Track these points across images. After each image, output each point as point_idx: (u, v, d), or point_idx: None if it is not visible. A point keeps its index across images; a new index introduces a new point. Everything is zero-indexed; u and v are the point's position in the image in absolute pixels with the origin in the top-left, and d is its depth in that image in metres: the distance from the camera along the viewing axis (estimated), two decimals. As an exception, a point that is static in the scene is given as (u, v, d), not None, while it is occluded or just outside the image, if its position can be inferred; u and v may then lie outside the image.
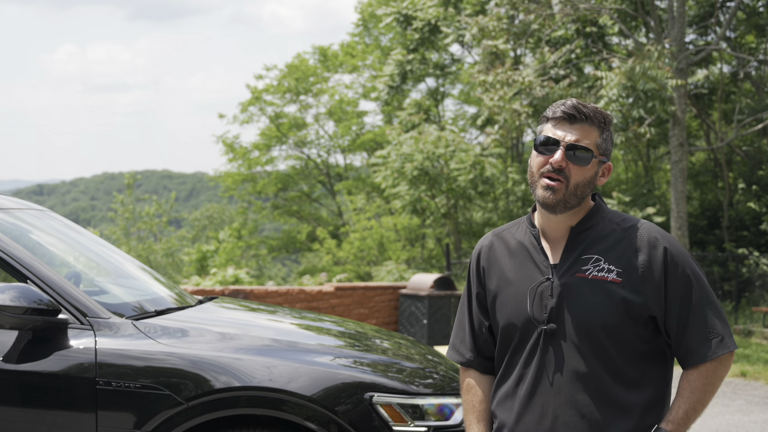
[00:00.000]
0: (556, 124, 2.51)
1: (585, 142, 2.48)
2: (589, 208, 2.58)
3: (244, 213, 37.81)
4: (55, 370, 3.65)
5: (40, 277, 3.78)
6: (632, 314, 2.44)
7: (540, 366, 2.49)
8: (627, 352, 2.46)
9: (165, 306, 4.27)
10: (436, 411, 3.85)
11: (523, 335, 2.53)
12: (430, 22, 24.25)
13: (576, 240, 2.54)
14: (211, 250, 28.41)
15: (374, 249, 27.69)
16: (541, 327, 2.49)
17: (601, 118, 2.51)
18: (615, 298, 2.44)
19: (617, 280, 2.45)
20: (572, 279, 2.48)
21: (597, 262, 2.49)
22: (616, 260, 2.47)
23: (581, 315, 2.45)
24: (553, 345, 2.48)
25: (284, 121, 34.97)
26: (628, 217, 2.58)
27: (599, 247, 2.51)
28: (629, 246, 2.49)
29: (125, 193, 34.58)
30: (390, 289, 13.56)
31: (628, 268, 2.46)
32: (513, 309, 2.55)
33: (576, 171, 2.47)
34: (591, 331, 2.45)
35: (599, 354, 2.44)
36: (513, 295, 2.56)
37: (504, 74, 16.96)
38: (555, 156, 2.46)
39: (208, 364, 3.67)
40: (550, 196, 2.46)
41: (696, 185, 22.60)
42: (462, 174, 20.97)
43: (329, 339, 4.37)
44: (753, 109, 20.24)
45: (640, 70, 14.73)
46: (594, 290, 2.46)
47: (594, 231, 2.54)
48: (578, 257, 2.51)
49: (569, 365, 2.45)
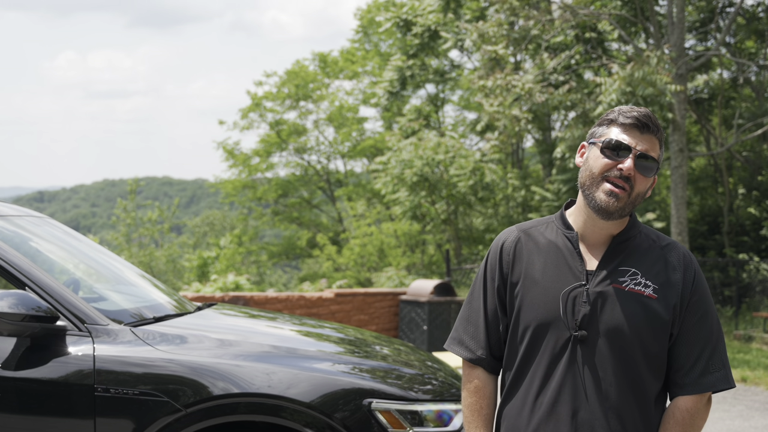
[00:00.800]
0: (626, 130, 2.45)
1: (653, 153, 2.45)
2: (627, 219, 2.55)
3: (244, 219, 37.82)
4: (53, 377, 3.64)
5: (38, 284, 3.78)
6: (662, 331, 2.43)
7: (566, 374, 2.43)
8: (653, 369, 2.45)
9: (164, 313, 4.26)
10: (435, 417, 3.85)
11: (549, 338, 2.46)
12: (429, 28, 24.29)
13: (616, 250, 2.50)
14: (212, 256, 28.41)
15: (374, 255, 27.69)
16: (572, 333, 2.43)
17: (663, 134, 2.50)
18: (649, 313, 2.42)
19: (653, 295, 2.44)
20: (608, 288, 2.44)
21: (634, 275, 2.46)
22: (653, 276, 2.46)
23: (615, 325, 2.42)
24: (582, 353, 2.43)
25: (284, 128, 35.00)
26: (661, 234, 2.58)
27: (637, 260, 2.49)
28: (667, 264, 2.48)
29: (128, 198, 34.60)
30: (390, 295, 13.55)
31: (664, 286, 2.45)
32: (541, 311, 2.48)
33: (641, 181, 2.43)
34: (622, 343, 2.42)
35: (628, 367, 2.42)
36: (541, 296, 2.49)
37: (503, 80, 16.98)
38: (626, 163, 2.41)
39: (207, 370, 3.67)
40: (614, 203, 2.41)
41: (696, 190, 22.60)
42: (462, 180, 20.98)
43: (328, 345, 4.37)
44: (753, 114, 20.26)
45: (639, 76, 14.74)
46: (630, 302, 2.43)
47: (632, 243, 2.52)
48: (616, 268, 2.47)
49: (597, 375, 2.41)
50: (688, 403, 2.45)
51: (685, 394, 2.45)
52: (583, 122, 17.06)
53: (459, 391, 4.07)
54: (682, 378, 2.45)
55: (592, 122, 17.15)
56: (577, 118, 17.40)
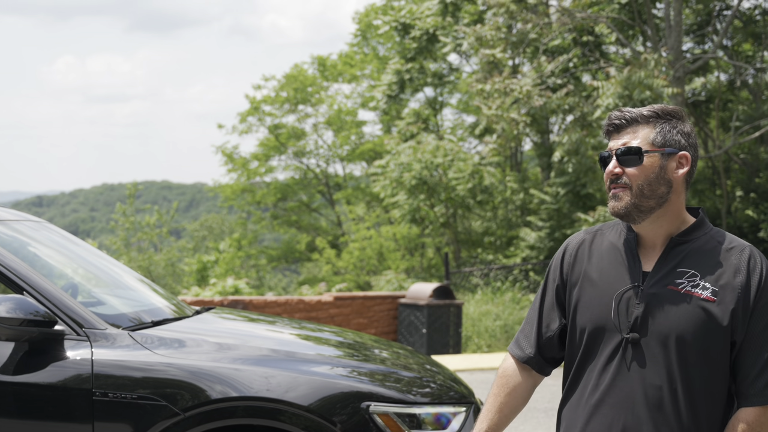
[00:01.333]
0: (610, 138, 2.50)
1: (633, 142, 2.44)
2: (689, 221, 2.50)
3: (243, 224, 37.83)
4: (51, 382, 3.65)
5: (36, 288, 3.79)
6: (721, 337, 2.35)
7: (616, 376, 2.40)
8: (707, 376, 2.37)
9: (162, 317, 4.27)
10: (433, 420, 3.85)
11: (603, 341, 2.45)
12: (428, 32, 24.32)
13: (673, 251, 2.45)
14: (211, 260, 28.44)
15: (374, 258, 27.70)
16: (623, 335, 2.40)
17: (649, 113, 2.46)
18: (706, 317, 2.35)
19: (711, 298, 2.36)
20: (663, 290, 2.40)
21: (693, 277, 2.40)
22: (712, 279, 2.38)
23: (668, 328, 2.37)
24: (634, 356, 2.39)
25: (283, 131, 35.02)
26: (733, 237, 2.49)
27: (697, 262, 2.42)
28: (728, 266, 2.40)
29: (127, 202, 34.61)
30: (389, 298, 13.56)
31: (724, 289, 2.36)
32: (595, 312, 2.47)
33: (632, 173, 2.41)
34: (676, 348, 2.36)
35: (680, 372, 2.36)
36: (597, 297, 2.48)
37: (501, 83, 17.01)
38: (608, 166, 2.45)
39: (205, 374, 3.67)
40: (616, 204, 2.42)
41: (694, 193, 22.61)
42: (461, 183, 21.00)
43: (327, 349, 4.37)
44: (750, 116, 20.29)
45: (636, 79, 14.78)
46: (685, 305, 2.37)
47: (694, 245, 2.45)
48: (673, 269, 2.42)
49: (647, 379, 2.37)
50: (750, 415, 2.35)
51: (749, 405, 2.36)
52: (581, 126, 17.09)
53: (457, 394, 4.08)
54: (746, 388, 2.36)
55: (590, 126, 17.18)
56: (574, 122, 17.43)
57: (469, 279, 19.02)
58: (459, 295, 16.64)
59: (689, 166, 2.45)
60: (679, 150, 2.45)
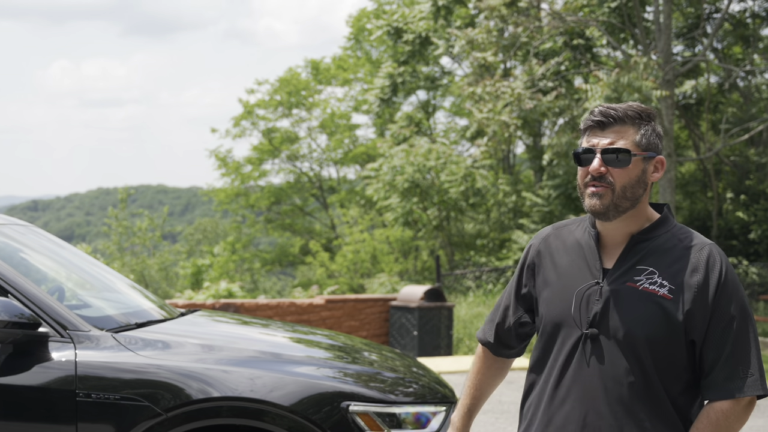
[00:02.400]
0: (590, 134, 2.49)
1: (620, 143, 2.43)
2: (653, 218, 2.52)
3: (237, 227, 37.83)
4: (35, 383, 3.70)
5: (21, 291, 3.84)
6: (676, 333, 2.39)
7: (576, 370, 2.45)
8: (664, 372, 2.41)
9: (147, 318, 4.32)
10: (413, 420, 3.91)
11: (564, 336, 2.49)
12: (420, 35, 24.37)
13: (634, 248, 2.48)
14: (205, 264, 28.43)
15: (367, 261, 27.73)
16: (583, 331, 2.45)
17: (634, 114, 2.46)
18: (662, 314, 2.39)
19: (668, 296, 2.39)
20: (622, 287, 2.43)
21: (651, 274, 2.43)
22: (670, 276, 2.41)
23: (625, 324, 2.40)
24: (593, 351, 2.43)
25: (276, 135, 35.02)
26: (696, 235, 2.51)
27: (656, 260, 2.44)
28: (687, 264, 2.42)
29: (119, 207, 34.57)
30: (380, 301, 13.60)
31: (681, 286, 2.40)
32: (557, 308, 2.52)
33: (618, 174, 2.42)
34: (633, 343, 2.40)
35: (637, 367, 2.40)
36: (559, 293, 2.53)
37: (492, 86, 17.07)
38: (593, 164, 2.43)
39: (188, 375, 3.72)
40: (597, 203, 2.42)
41: (685, 195, 22.70)
42: (453, 186, 21.05)
43: (315, 351, 4.42)
44: (740, 119, 20.37)
45: (624, 82, 14.84)
46: (642, 302, 2.41)
47: (654, 243, 2.47)
48: (633, 266, 2.45)
49: (607, 373, 2.41)
50: (724, 405, 2.38)
51: (714, 399, 2.40)
52: (571, 128, 17.16)
53: (440, 395, 4.15)
54: (710, 382, 2.40)
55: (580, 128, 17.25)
56: (565, 125, 17.50)
57: (461, 281, 19.07)
58: (451, 297, 16.69)
59: (663, 170, 2.50)
60: (657, 154, 2.48)
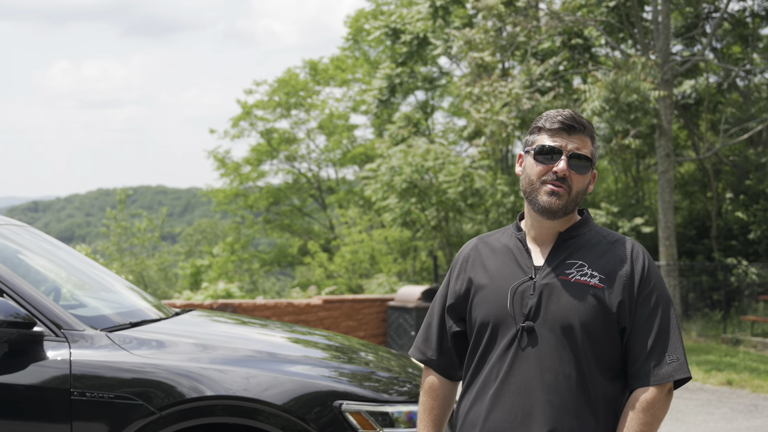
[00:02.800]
0: (554, 134, 2.56)
1: (584, 151, 2.56)
2: (577, 218, 2.66)
3: (236, 228, 37.84)
4: (30, 382, 3.71)
5: (16, 291, 3.86)
6: (609, 321, 2.49)
7: (513, 363, 2.51)
8: (600, 361, 2.50)
9: (141, 318, 4.34)
10: (406, 419, 3.92)
11: (499, 333, 2.55)
12: (418, 36, 24.36)
13: (563, 245, 2.60)
14: (204, 264, 28.44)
15: (366, 262, 27.73)
16: (519, 325, 2.51)
17: (592, 129, 2.61)
18: (595, 302, 2.49)
19: (599, 285, 2.51)
20: (555, 280, 2.53)
21: (581, 267, 2.55)
22: (599, 268, 2.54)
23: (560, 315, 2.49)
24: (529, 343, 2.50)
25: (275, 136, 35.02)
26: (614, 232, 2.66)
27: (585, 254, 2.57)
28: (614, 257, 2.56)
29: (118, 208, 34.58)
30: (378, 301, 13.62)
31: (611, 276, 2.52)
32: (491, 306, 2.57)
33: (577, 179, 2.55)
34: (569, 333, 2.48)
35: (573, 357, 2.47)
36: (492, 292, 2.59)
37: (490, 86, 17.07)
38: (560, 165, 2.52)
39: (182, 373, 3.73)
40: (556, 201, 2.52)
41: (684, 195, 22.69)
42: (451, 186, 21.04)
43: (311, 350, 4.42)
44: (739, 119, 20.36)
45: (622, 83, 14.84)
46: (575, 293, 2.51)
47: (581, 239, 2.61)
48: (563, 261, 2.57)
49: (543, 364, 2.48)
50: (648, 393, 2.48)
51: (643, 385, 2.48)
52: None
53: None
54: (638, 369, 2.50)
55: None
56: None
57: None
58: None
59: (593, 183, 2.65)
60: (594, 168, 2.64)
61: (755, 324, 15.89)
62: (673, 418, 9.00)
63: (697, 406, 9.77)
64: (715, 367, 12.41)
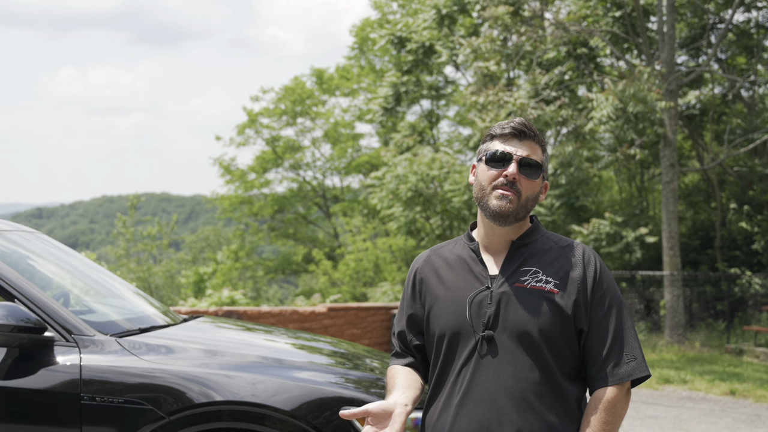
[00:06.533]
0: (505, 141, 2.63)
1: (534, 157, 2.61)
2: (528, 226, 2.71)
3: (241, 235, 37.88)
4: (41, 387, 3.75)
5: (27, 296, 3.90)
6: (567, 325, 2.54)
7: (475, 373, 2.54)
8: (561, 364, 2.54)
9: (150, 324, 4.38)
10: (412, 425, 3.95)
11: (459, 344, 2.58)
12: (424, 44, 24.41)
13: (516, 253, 2.64)
14: (208, 272, 28.46)
15: (370, 270, 27.77)
16: (479, 334, 2.54)
17: (542, 138, 2.67)
18: (552, 307, 2.54)
19: (555, 290, 2.56)
20: (511, 288, 2.57)
21: (536, 273, 2.59)
22: (553, 273, 2.59)
23: (519, 321, 2.53)
24: (489, 351, 2.53)
25: (280, 144, 35.09)
26: (564, 237, 2.72)
27: (538, 260, 2.62)
28: (566, 262, 2.61)
29: (128, 213, 34.66)
30: (382, 309, 13.65)
31: (565, 281, 2.57)
32: (450, 318, 2.61)
33: (527, 185, 2.60)
34: (528, 339, 2.52)
35: (534, 362, 2.51)
36: (450, 305, 2.62)
37: (496, 95, 17.11)
38: (510, 168, 2.58)
39: (190, 379, 3.77)
40: (506, 205, 2.57)
41: (689, 205, 22.70)
42: (456, 195, 21.07)
43: (317, 357, 4.44)
44: (744, 129, 20.38)
45: (630, 93, 14.88)
46: (532, 299, 2.55)
47: (533, 246, 2.66)
48: (517, 269, 2.61)
49: (504, 371, 2.51)
50: (608, 393, 2.52)
51: (603, 385, 2.53)
52: (575, 138, 17.20)
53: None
54: (597, 371, 2.55)
55: (584, 138, 17.29)
56: (568, 135, 17.54)
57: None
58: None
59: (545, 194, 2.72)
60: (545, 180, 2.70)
61: (759, 334, 15.89)
62: (676, 428, 9.01)
63: (700, 416, 9.79)
64: (719, 377, 12.43)
